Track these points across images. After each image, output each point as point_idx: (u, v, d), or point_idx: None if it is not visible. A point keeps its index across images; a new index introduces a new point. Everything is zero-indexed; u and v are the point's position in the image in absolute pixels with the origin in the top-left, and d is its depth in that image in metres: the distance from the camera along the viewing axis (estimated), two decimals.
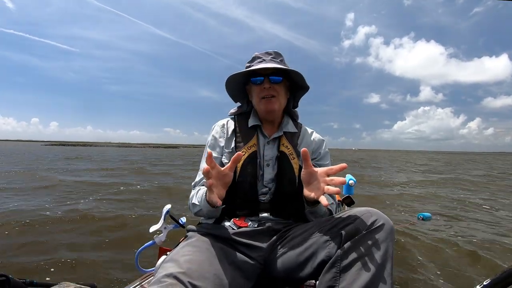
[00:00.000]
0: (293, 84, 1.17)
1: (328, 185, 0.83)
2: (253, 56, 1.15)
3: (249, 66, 1.12)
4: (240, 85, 1.18)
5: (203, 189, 0.99)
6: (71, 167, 12.65)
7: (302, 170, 0.90)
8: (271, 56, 1.12)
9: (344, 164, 0.82)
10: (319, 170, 0.87)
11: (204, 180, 1.06)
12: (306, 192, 0.89)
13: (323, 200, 0.81)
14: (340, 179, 0.83)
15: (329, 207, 0.94)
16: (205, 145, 1.18)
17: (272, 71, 1.07)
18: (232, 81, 1.14)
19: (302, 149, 0.87)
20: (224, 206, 0.95)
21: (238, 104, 1.25)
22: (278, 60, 1.12)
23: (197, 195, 1.02)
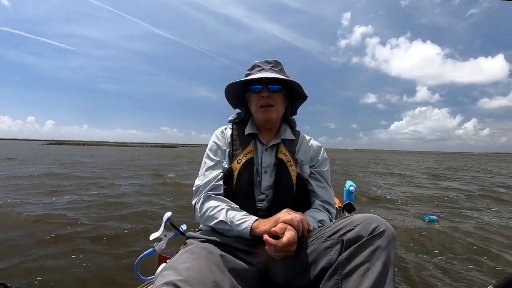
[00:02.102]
0: (291, 93, 1.19)
1: None
2: (253, 64, 1.16)
3: (249, 74, 1.14)
4: (240, 93, 1.19)
5: (241, 214, 0.96)
6: None
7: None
8: (270, 65, 1.13)
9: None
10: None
11: (212, 184, 1.04)
12: None
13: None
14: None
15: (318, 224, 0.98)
16: (203, 144, 1.17)
17: (271, 80, 1.09)
18: (232, 89, 1.15)
19: None
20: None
21: (237, 111, 1.26)
22: (277, 69, 1.13)
23: (230, 215, 0.96)
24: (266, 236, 0.85)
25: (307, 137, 1.25)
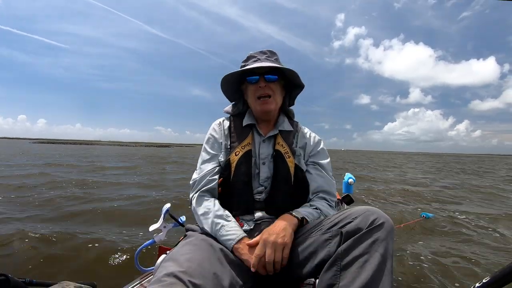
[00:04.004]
0: (288, 83, 1.17)
1: None
2: (248, 55, 1.14)
3: (244, 66, 1.11)
4: (235, 85, 1.17)
5: (227, 227, 0.94)
6: None
7: None
8: (265, 55, 1.11)
9: None
10: None
11: (207, 179, 1.04)
12: None
13: None
14: None
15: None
16: (197, 144, 1.16)
17: (267, 70, 1.07)
18: (227, 81, 1.13)
19: None
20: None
21: (233, 102, 1.23)
22: (273, 59, 1.12)
23: (215, 227, 0.95)
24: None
25: (306, 129, 1.23)
